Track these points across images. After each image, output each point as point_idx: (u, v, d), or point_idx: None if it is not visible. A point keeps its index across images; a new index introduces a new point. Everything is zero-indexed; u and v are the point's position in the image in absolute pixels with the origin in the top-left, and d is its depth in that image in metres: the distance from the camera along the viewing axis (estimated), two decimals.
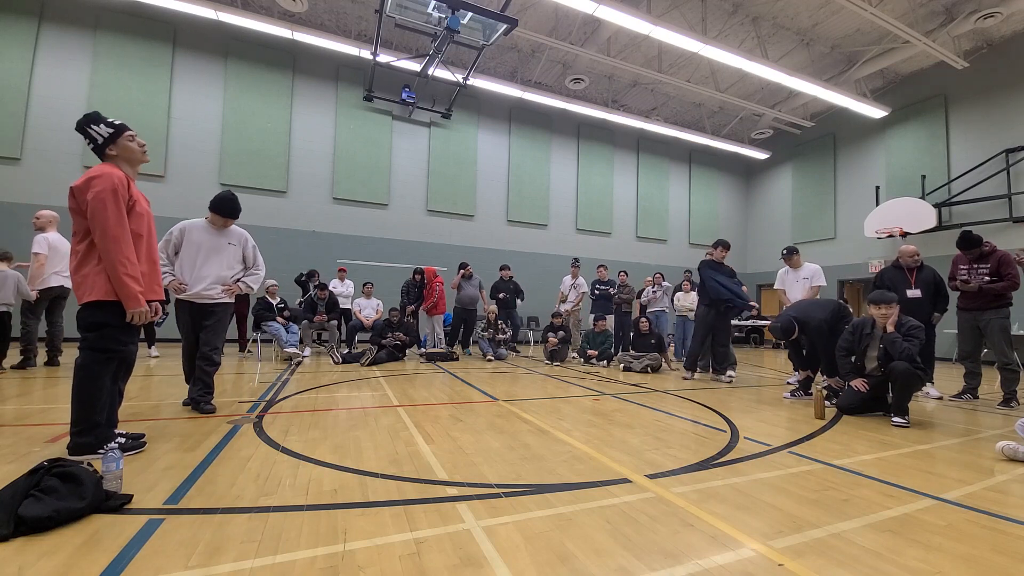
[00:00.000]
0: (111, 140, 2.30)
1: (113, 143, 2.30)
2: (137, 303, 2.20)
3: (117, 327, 2.24)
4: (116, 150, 2.31)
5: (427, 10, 7.16)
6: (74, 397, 2.18)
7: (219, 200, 3.43)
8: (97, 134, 2.27)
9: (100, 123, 2.29)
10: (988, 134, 9.81)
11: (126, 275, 2.15)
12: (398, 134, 10.86)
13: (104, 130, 2.28)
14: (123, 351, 2.30)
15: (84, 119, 2.28)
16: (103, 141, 2.28)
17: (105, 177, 2.15)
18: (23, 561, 1.34)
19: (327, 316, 7.27)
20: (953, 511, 1.89)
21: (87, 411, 2.16)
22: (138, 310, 2.21)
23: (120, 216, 2.16)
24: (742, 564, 1.43)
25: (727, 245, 5.85)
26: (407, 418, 3.29)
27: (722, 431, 3.17)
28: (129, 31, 8.71)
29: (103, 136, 2.28)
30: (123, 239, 2.16)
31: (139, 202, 2.33)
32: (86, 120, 2.28)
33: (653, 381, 5.58)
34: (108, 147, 2.29)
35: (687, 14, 8.90)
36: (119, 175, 2.21)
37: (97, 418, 2.18)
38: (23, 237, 5.55)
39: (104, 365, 2.23)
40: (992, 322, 4.53)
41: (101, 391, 2.20)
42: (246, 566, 1.34)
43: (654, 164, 14.06)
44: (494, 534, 1.58)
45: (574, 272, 8.46)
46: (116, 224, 2.14)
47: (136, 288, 2.18)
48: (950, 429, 3.43)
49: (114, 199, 2.14)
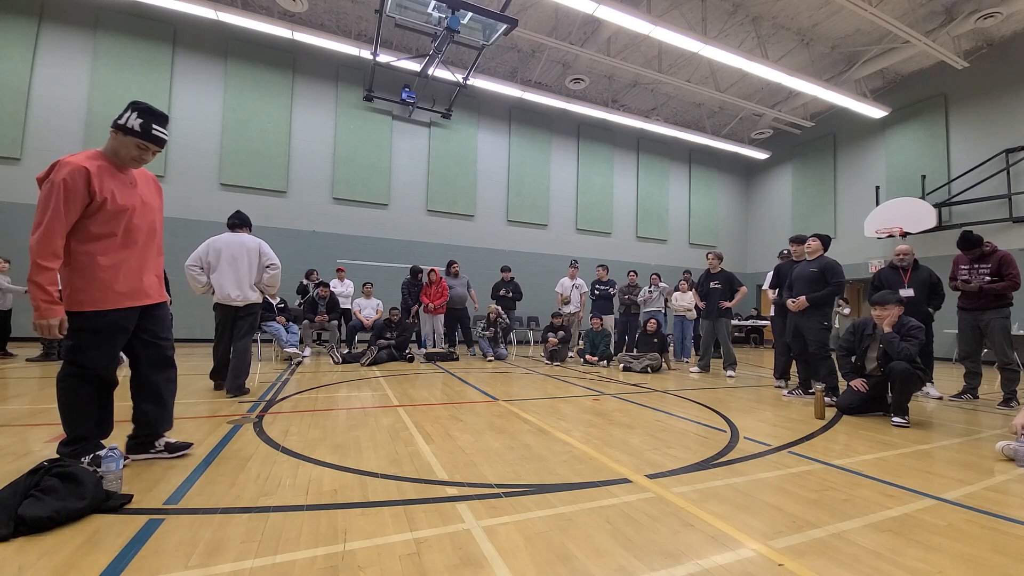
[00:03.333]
0: (120, 128, 2.06)
1: (119, 131, 2.06)
2: (38, 313, 1.86)
3: (87, 342, 2.02)
4: (113, 139, 2.07)
5: (427, 10, 7.16)
6: (58, 407, 2.06)
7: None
8: (125, 118, 2.06)
9: (140, 115, 2.08)
10: (988, 134, 9.81)
11: (31, 280, 1.85)
12: (398, 134, 10.86)
13: (133, 120, 2.06)
14: (95, 369, 2.05)
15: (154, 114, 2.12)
16: (115, 124, 2.07)
17: (60, 167, 1.90)
18: (23, 561, 1.34)
19: (328, 316, 7.27)
20: (953, 511, 1.89)
21: (67, 423, 2.05)
22: (41, 322, 1.87)
23: (55, 212, 1.86)
24: (742, 564, 1.43)
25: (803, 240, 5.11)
26: (407, 418, 3.29)
27: (722, 431, 3.17)
28: (129, 31, 8.71)
29: (123, 123, 2.06)
30: (46, 238, 1.85)
31: (113, 200, 2.01)
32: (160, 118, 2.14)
33: (653, 381, 5.58)
34: (112, 130, 2.07)
35: (687, 14, 8.90)
36: (78, 167, 1.91)
37: (78, 432, 2.04)
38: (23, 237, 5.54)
39: (80, 380, 2.04)
40: (993, 322, 4.53)
41: (81, 406, 2.05)
42: (246, 566, 1.34)
43: (654, 164, 14.06)
44: (494, 534, 1.58)
45: (572, 273, 8.43)
46: (44, 219, 1.86)
47: (39, 296, 1.85)
48: (950, 429, 3.43)
49: (57, 191, 1.87)
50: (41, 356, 5.53)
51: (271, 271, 3.95)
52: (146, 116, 2.09)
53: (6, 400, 3.46)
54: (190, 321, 8.00)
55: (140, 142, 2.09)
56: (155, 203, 2.27)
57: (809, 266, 4.58)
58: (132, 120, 2.06)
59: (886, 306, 3.72)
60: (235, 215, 4.13)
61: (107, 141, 2.11)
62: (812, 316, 4.44)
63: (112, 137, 2.08)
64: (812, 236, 4.73)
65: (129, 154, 2.10)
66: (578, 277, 8.43)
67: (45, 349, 5.55)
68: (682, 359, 8.17)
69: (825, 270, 4.46)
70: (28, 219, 6.00)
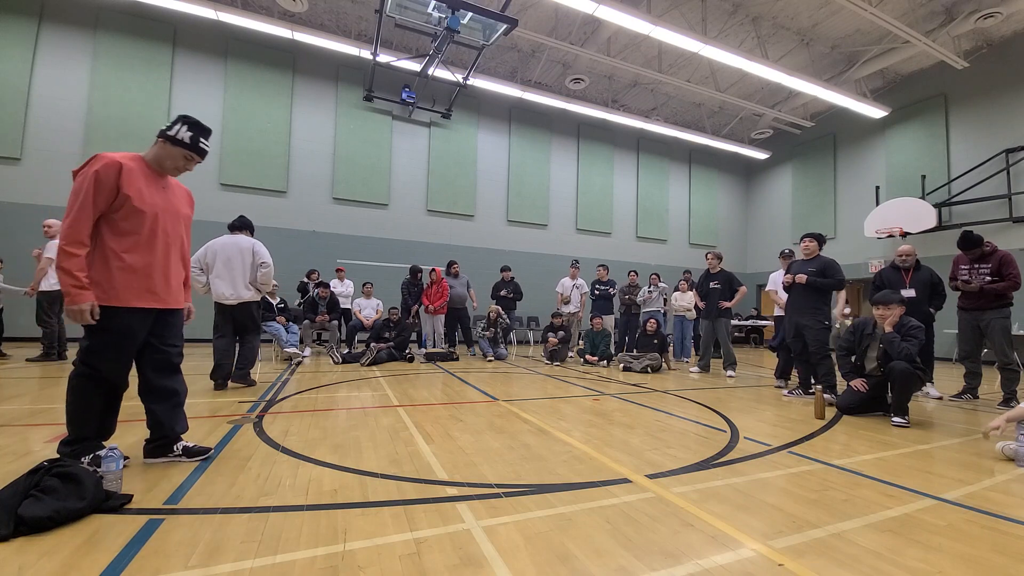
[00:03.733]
0: (168, 139, 2.16)
1: (168, 142, 2.17)
2: (70, 299, 1.91)
3: (101, 344, 2.02)
4: (161, 148, 2.17)
5: (427, 10, 7.16)
6: (65, 406, 2.07)
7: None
8: (175, 130, 2.17)
9: (189, 128, 2.20)
10: (988, 134, 9.81)
11: (59, 266, 1.90)
12: (398, 134, 10.86)
13: (184, 133, 2.18)
14: (108, 372, 2.06)
15: (201, 128, 2.25)
16: (164, 134, 2.17)
17: (96, 160, 1.99)
18: (23, 561, 1.34)
19: (328, 316, 7.27)
20: (953, 511, 1.89)
21: (72, 424, 2.04)
22: (72, 307, 1.91)
23: (84, 201, 1.93)
24: (742, 564, 1.43)
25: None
26: (407, 418, 3.29)
27: (722, 431, 3.17)
28: (129, 31, 8.71)
29: (173, 134, 2.17)
30: (74, 226, 1.91)
31: (138, 199, 2.06)
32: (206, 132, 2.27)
33: (653, 381, 5.58)
34: (160, 140, 2.17)
35: (687, 14, 8.90)
36: (113, 161, 2.00)
37: (81, 433, 2.04)
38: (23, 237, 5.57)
39: (92, 383, 2.04)
40: (993, 322, 4.53)
41: (88, 409, 2.05)
42: (246, 566, 1.34)
43: (654, 164, 14.06)
44: (494, 534, 1.58)
45: (573, 273, 8.44)
46: (74, 207, 1.93)
47: (68, 281, 1.90)
48: (950, 429, 3.43)
49: (89, 182, 1.94)
50: (41, 356, 5.53)
51: (263, 269, 4.22)
52: (195, 129, 2.22)
53: (6, 400, 3.46)
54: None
55: (187, 153, 2.22)
56: (184, 212, 2.34)
57: (806, 266, 4.57)
58: (182, 132, 2.18)
59: (889, 305, 3.71)
60: (237, 219, 4.38)
61: (151, 148, 2.20)
62: (813, 315, 4.43)
63: (159, 146, 2.18)
64: (807, 236, 4.70)
65: (174, 164, 2.22)
66: (579, 277, 8.43)
67: (45, 349, 5.55)
68: (682, 359, 8.17)
69: (825, 269, 4.45)
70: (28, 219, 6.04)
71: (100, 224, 2.02)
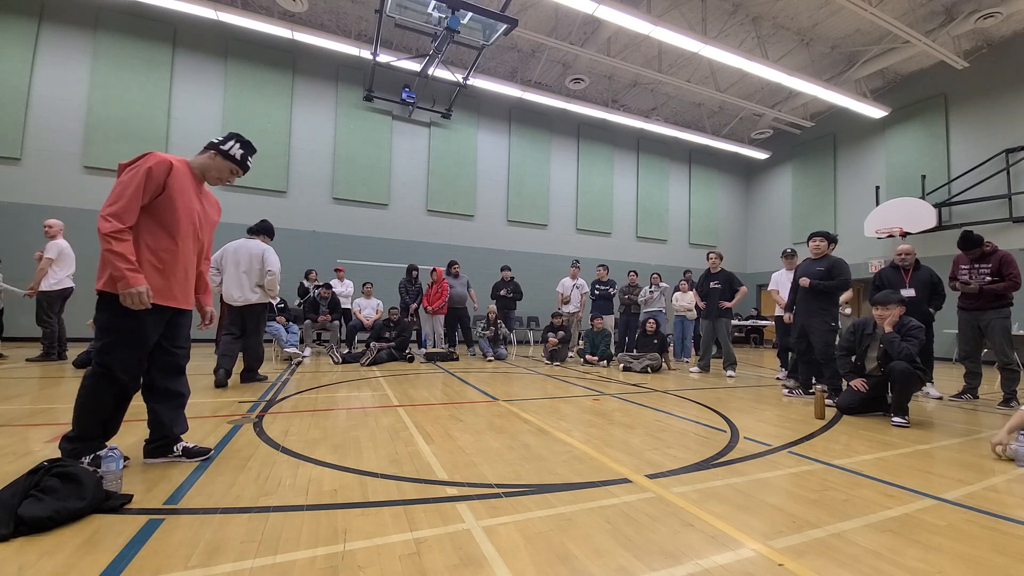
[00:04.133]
0: (221, 153, 2.32)
1: (219, 155, 2.33)
2: (125, 282, 1.91)
3: (117, 342, 2.01)
4: (211, 159, 2.32)
5: (427, 10, 7.16)
6: (75, 404, 2.05)
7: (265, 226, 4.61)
8: (229, 146, 2.35)
9: (241, 146, 2.39)
10: (988, 134, 9.81)
11: (111, 251, 1.90)
12: (398, 134, 10.86)
13: (236, 150, 2.37)
14: (123, 372, 2.03)
15: (251, 147, 2.44)
16: (217, 148, 2.33)
17: (149, 157, 2.06)
18: (23, 561, 1.34)
19: (330, 316, 7.28)
20: (953, 511, 1.89)
21: (79, 422, 2.03)
22: (128, 290, 1.92)
23: (136, 192, 1.98)
24: (742, 564, 1.43)
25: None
26: (407, 418, 3.29)
27: (722, 431, 3.17)
28: (129, 31, 8.71)
29: (227, 150, 2.34)
30: (125, 211, 1.96)
31: (180, 200, 2.13)
32: (253, 151, 2.46)
33: (653, 381, 5.58)
34: (211, 151, 2.32)
35: (687, 14, 8.90)
36: (165, 160, 2.09)
37: (88, 431, 2.03)
38: (23, 237, 5.56)
39: (106, 383, 2.02)
40: (993, 322, 4.53)
41: (97, 409, 2.04)
42: (246, 566, 1.34)
43: (654, 164, 14.06)
44: (494, 534, 1.58)
45: (574, 273, 8.44)
46: (126, 194, 1.97)
47: (123, 265, 1.91)
48: (950, 429, 3.43)
49: (142, 175, 2.01)
50: (41, 356, 5.52)
51: (268, 276, 4.44)
52: (246, 148, 2.42)
53: (6, 400, 3.46)
54: None
55: (234, 167, 2.40)
56: (212, 219, 2.45)
57: (815, 265, 4.54)
58: (235, 150, 2.37)
59: (887, 306, 3.72)
60: (258, 223, 4.67)
61: (198, 156, 2.34)
62: (819, 317, 4.40)
63: (209, 157, 2.33)
64: (817, 235, 4.65)
65: (219, 175, 2.37)
66: (579, 277, 8.43)
67: (45, 349, 5.55)
68: (682, 359, 8.17)
69: (832, 268, 4.41)
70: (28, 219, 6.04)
71: (139, 221, 2.05)
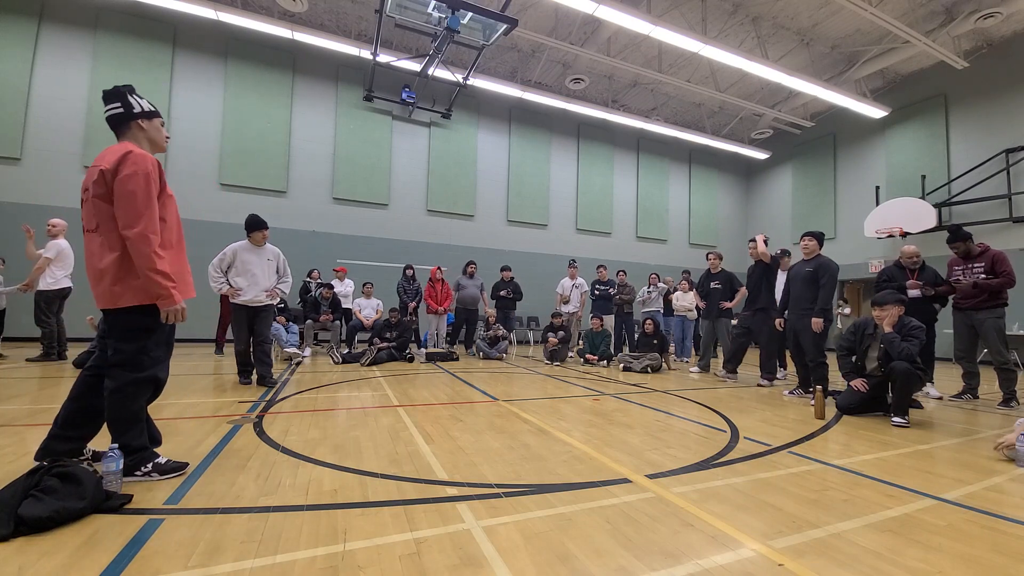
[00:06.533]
0: (148, 116, 2.10)
1: (149, 120, 2.11)
2: (171, 300, 1.96)
3: (152, 341, 2.02)
4: (148, 127, 2.10)
5: (427, 10, 7.16)
6: (110, 426, 1.97)
7: (250, 222, 4.41)
8: (137, 103, 2.08)
9: (138, 95, 2.12)
10: (988, 134, 9.81)
11: (155, 271, 1.90)
12: (398, 134, 10.86)
13: (146, 104, 2.11)
14: (158, 370, 2.06)
15: (123, 87, 2.08)
16: (139, 111, 2.07)
17: (139, 159, 1.93)
18: (23, 561, 1.34)
19: (331, 316, 7.28)
20: (953, 511, 1.89)
21: (123, 435, 1.96)
22: (173, 308, 1.98)
23: (151, 204, 1.94)
24: (742, 564, 1.43)
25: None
26: (407, 418, 3.29)
27: (722, 431, 3.17)
28: (129, 31, 8.71)
29: (142, 108, 2.09)
30: (153, 227, 1.92)
31: (165, 187, 2.09)
32: (127, 88, 2.08)
33: (653, 381, 5.58)
34: (141, 120, 2.08)
35: (687, 14, 8.90)
36: (151, 158, 2.00)
37: (137, 443, 1.98)
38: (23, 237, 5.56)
39: (142, 385, 2.00)
40: (986, 322, 4.52)
41: (139, 415, 2.02)
42: (246, 566, 1.34)
43: (654, 164, 14.06)
44: (494, 534, 1.58)
45: (572, 273, 8.44)
46: (147, 213, 1.91)
47: (169, 284, 1.94)
48: (950, 429, 3.43)
49: (146, 184, 1.92)
50: (41, 356, 5.52)
51: (282, 282, 4.62)
52: (139, 95, 2.18)
53: (6, 400, 3.46)
54: (190, 321, 7.99)
55: (159, 120, 2.20)
56: None
57: (805, 266, 4.57)
58: (143, 103, 2.15)
59: (884, 306, 3.72)
60: (253, 218, 4.50)
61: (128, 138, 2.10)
62: (810, 317, 4.43)
63: (140, 127, 2.11)
64: (807, 235, 4.67)
65: (162, 135, 2.20)
66: (578, 277, 8.43)
67: (45, 349, 5.54)
68: (682, 359, 8.17)
69: (818, 269, 4.45)
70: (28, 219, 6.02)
71: None
